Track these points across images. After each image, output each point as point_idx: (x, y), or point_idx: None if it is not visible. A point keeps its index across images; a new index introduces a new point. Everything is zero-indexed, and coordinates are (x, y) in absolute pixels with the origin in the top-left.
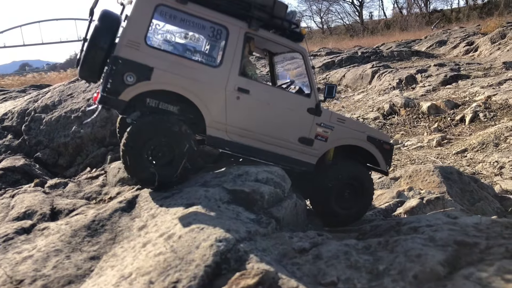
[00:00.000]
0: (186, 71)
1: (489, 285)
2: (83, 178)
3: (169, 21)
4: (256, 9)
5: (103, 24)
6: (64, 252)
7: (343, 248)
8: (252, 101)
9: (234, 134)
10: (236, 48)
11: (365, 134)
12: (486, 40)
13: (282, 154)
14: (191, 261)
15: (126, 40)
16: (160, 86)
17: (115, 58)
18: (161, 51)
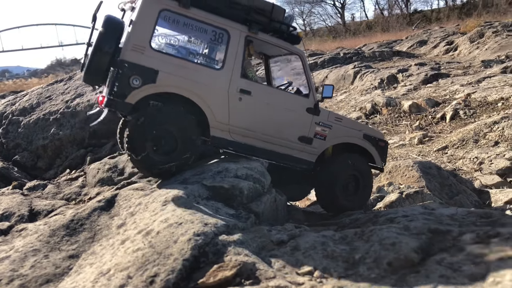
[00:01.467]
0: (190, 73)
1: (459, 268)
2: (62, 179)
3: (173, 25)
4: (255, 13)
5: (107, 29)
6: (42, 252)
7: (320, 239)
8: (254, 102)
9: (237, 134)
10: (237, 51)
11: (361, 132)
12: (465, 39)
13: (283, 153)
14: (169, 256)
15: (132, 44)
16: (165, 88)
17: (121, 62)
18: (165, 54)
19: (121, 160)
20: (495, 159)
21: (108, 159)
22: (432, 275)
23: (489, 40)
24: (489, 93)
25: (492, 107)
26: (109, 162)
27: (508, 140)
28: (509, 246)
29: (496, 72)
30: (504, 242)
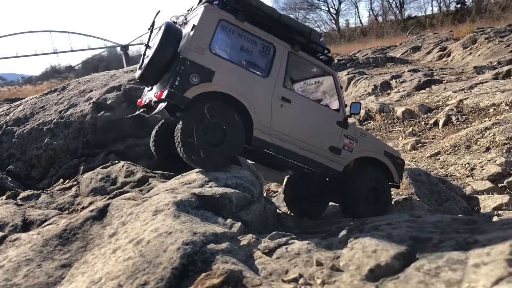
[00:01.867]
0: (241, 77)
1: (437, 274)
2: (56, 189)
3: (229, 34)
4: (297, 34)
5: (169, 35)
6: (35, 261)
7: (306, 246)
8: (293, 110)
9: (276, 138)
10: (281, 63)
11: (382, 149)
12: (458, 45)
13: (315, 160)
14: (158, 264)
15: (194, 45)
16: (218, 88)
17: (184, 60)
18: (221, 58)
19: (113, 170)
20: (487, 165)
21: (101, 169)
22: (411, 281)
23: (481, 46)
24: (481, 99)
25: (484, 113)
26: (102, 171)
27: (499, 146)
28: (485, 252)
29: (488, 78)
30: (480, 248)
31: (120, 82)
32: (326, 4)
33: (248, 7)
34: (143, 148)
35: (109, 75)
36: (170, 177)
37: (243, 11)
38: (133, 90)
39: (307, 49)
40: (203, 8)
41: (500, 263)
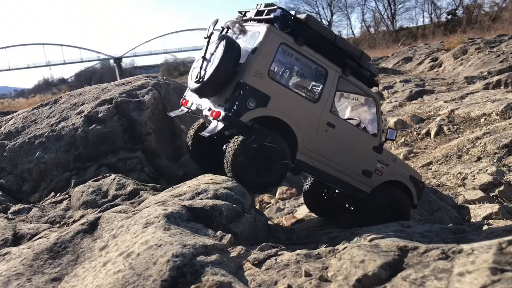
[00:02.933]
0: (293, 103)
1: (423, 283)
2: (47, 202)
3: (287, 57)
4: (349, 58)
5: (230, 53)
6: (25, 275)
7: (295, 257)
8: (336, 134)
9: (316, 161)
10: (331, 88)
11: (408, 173)
12: (449, 56)
13: (347, 182)
14: (148, 277)
15: (254, 70)
16: (272, 113)
17: (243, 85)
18: (277, 83)
19: (105, 183)
20: (478, 174)
21: (92, 182)
22: None
23: (472, 57)
24: (472, 109)
25: (475, 122)
26: (93, 185)
27: (490, 155)
28: (470, 261)
29: (478, 88)
30: (465, 257)
31: (111, 95)
32: (319, 16)
33: (308, 31)
34: (135, 161)
35: (100, 88)
36: (161, 189)
37: (303, 35)
38: (124, 103)
39: (356, 73)
40: (265, 30)
41: (484, 271)
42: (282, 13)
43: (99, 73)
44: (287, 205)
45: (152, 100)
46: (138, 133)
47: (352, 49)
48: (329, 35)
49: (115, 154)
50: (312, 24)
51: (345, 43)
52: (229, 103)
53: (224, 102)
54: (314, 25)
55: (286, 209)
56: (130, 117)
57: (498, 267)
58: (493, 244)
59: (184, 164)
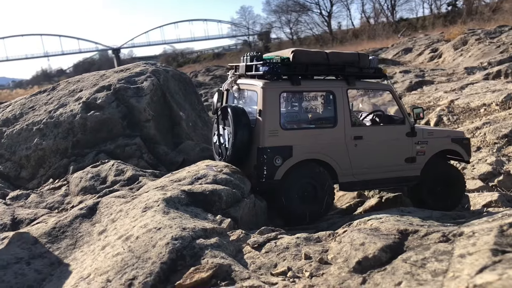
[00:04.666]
0: (314, 139)
1: (424, 265)
2: (45, 189)
3: (290, 101)
4: (349, 66)
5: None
6: (24, 259)
7: (295, 241)
8: (366, 143)
9: (359, 174)
10: (344, 105)
11: (449, 138)
12: (449, 47)
13: (396, 177)
14: (147, 259)
15: (267, 131)
16: (300, 158)
17: (263, 149)
18: (293, 130)
19: (103, 169)
20: (477, 164)
21: (91, 168)
22: (398, 272)
23: (472, 47)
24: (472, 100)
25: (474, 113)
26: (91, 171)
27: (489, 145)
28: (470, 243)
29: (478, 78)
30: (466, 240)
31: (110, 81)
32: (318, 7)
33: (299, 67)
34: (134, 147)
35: (99, 75)
36: (160, 175)
37: (296, 73)
38: (122, 90)
39: (360, 76)
40: (261, 90)
41: (485, 252)
42: (270, 67)
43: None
44: None
45: (151, 87)
46: (137, 119)
47: (348, 57)
48: (321, 58)
49: (114, 141)
50: (301, 58)
51: (339, 56)
52: (258, 169)
53: (254, 169)
54: (303, 58)
55: None
56: (128, 104)
57: (499, 249)
58: (494, 227)
59: (183, 150)
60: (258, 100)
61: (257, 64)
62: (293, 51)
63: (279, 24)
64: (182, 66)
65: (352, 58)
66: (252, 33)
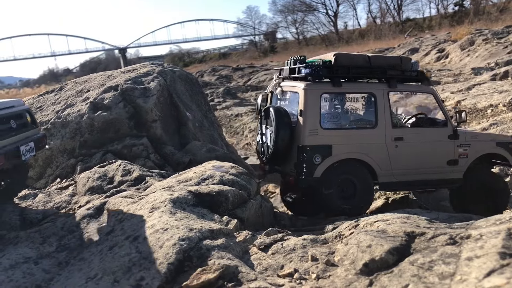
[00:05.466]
0: (354, 139)
1: (431, 268)
2: (53, 188)
3: (331, 102)
4: (390, 69)
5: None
6: (32, 259)
7: (301, 242)
8: (407, 144)
9: (399, 175)
10: (385, 106)
11: (494, 142)
12: (456, 47)
13: (437, 179)
14: (155, 260)
15: (308, 130)
16: (339, 157)
17: (303, 148)
18: (333, 130)
19: (110, 169)
20: None
21: (98, 168)
22: (405, 275)
23: (479, 48)
24: (479, 100)
25: (481, 114)
26: (99, 171)
27: None
28: (478, 246)
29: (485, 79)
30: (473, 242)
31: (117, 82)
32: (324, 7)
33: (341, 70)
34: (140, 147)
35: (106, 75)
36: (167, 176)
37: (338, 76)
38: (129, 90)
39: (402, 79)
40: (302, 91)
41: (493, 256)
42: (312, 69)
43: (104, 63)
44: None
45: (158, 87)
46: (144, 120)
47: (390, 60)
48: (363, 61)
49: (121, 141)
50: (343, 61)
51: (382, 59)
52: (298, 167)
53: (294, 167)
54: (345, 61)
55: None
56: (135, 104)
57: (507, 252)
58: (502, 230)
59: (190, 151)
60: (299, 100)
61: (300, 66)
62: (335, 54)
63: (285, 24)
64: (188, 66)
65: (394, 62)
66: (258, 33)
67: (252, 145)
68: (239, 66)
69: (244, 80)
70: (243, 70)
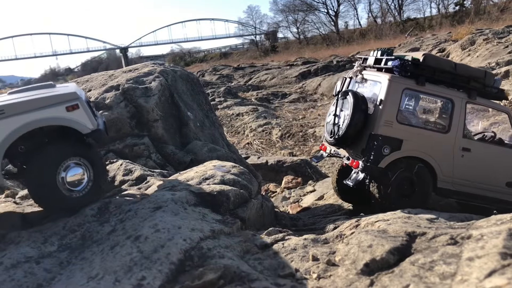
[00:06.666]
0: (425, 139)
1: (432, 268)
2: None
3: (411, 99)
4: (473, 81)
5: (358, 108)
6: (34, 258)
7: (302, 242)
8: (473, 157)
9: (458, 185)
10: (460, 115)
11: None
12: (457, 46)
13: (495, 197)
14: (156, 260)
15: (384, 120)
16: (407, 153)
17: (375, 136)
18: (407, 125)
19: (112, 169)
20: None
21: None
22: (406, 275)
23: (480, 48)
24: None
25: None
26: None
27: None
28: (479, 246)
29: None
30: (474, 242)
31: (118, 81)
32: (325, 6)
33: (428, 70)
34: (142, 147)
35: (107, 75)
36: (168, 175)
37: (423, 75)
38: (131, 90)
39: (482, 93)
40: (387, 81)
41: (494, 256)
42: (400, 62)
43: (105, 63)
44: (292, 194)
45: (159, 87)
46: (145, 119)
47: (474, 72)
48: (449, 67)
49: (122, 140)
50: (431, 62)
51: (467, 69)
52: (365, 153)
53: (361, 153)
54: (433, 63)
55: (291, 198)
56: (137, 104)
57: (508, 252)
58: (503, 230)
59: (191, 150)
60: (381, 90)
61: (388, 58)
62: (424, 54)
63: (286, 24)
64: (189, 65)
65: (479, 74)
66: (259, 33)
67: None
68: (240, 65)
69: (245, 79)
70: (244, 69)
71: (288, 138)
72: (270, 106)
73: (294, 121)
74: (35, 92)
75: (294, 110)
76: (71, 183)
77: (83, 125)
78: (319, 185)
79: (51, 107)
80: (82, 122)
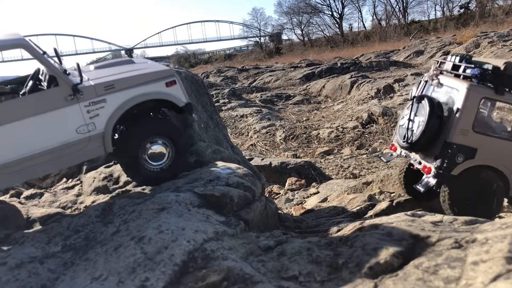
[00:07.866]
0: (499, 148)
1: (436, 272)
2: (59, 188)
3: (488, 109)
4: None
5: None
6: (38, 259)
7: (306, 245)
8: None
9: None
10: None
11: None
12: (462, 49)
13: None
14: (160, 261)
15: (459, 129)
16: (481, 162)
17: (450, 144)
18: (482, 135)
19: (116, 169)
20: None
21: (104, 168)
22: (410, 279)
23: (485, 50)
24: None
25: None
26: (104, 171)
27: None
28: (484, 250)
29: None
30: (479, 246)
31: None
32: (330, 8)
33: (507, 79)
34: None
35: None
36: None
37: (504, 84)
38: None
39: None
40: (466, 90)
41: (499, 260)
42: (480, 72)
43: None
44: (296, 196)
45: None
46: None
47: None
48: None
49: None
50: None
51: None
52: (439, 160)
53: (434, 159)
54: None
55: (295, 199)
56: None
57: None
58: (508, 234)
59: (195, 152)
60: (458, 98)
61: (466, 65)
62: (505, 62)
63: (291, 26)
64: (194, 66)
65: None
66: (264, 35)
67: (277, 139)
68: (245, 67)
69: (249, 81)
70: (248, 71)
71: (291, 139)
72: (274, 107)
73: (298, 122)
74: (124, 67)
75: (298, 112)
76: (154, 157)
77: (179, 99)
78: (323, 187)
79: (153, 83)
80: (178, 97)
